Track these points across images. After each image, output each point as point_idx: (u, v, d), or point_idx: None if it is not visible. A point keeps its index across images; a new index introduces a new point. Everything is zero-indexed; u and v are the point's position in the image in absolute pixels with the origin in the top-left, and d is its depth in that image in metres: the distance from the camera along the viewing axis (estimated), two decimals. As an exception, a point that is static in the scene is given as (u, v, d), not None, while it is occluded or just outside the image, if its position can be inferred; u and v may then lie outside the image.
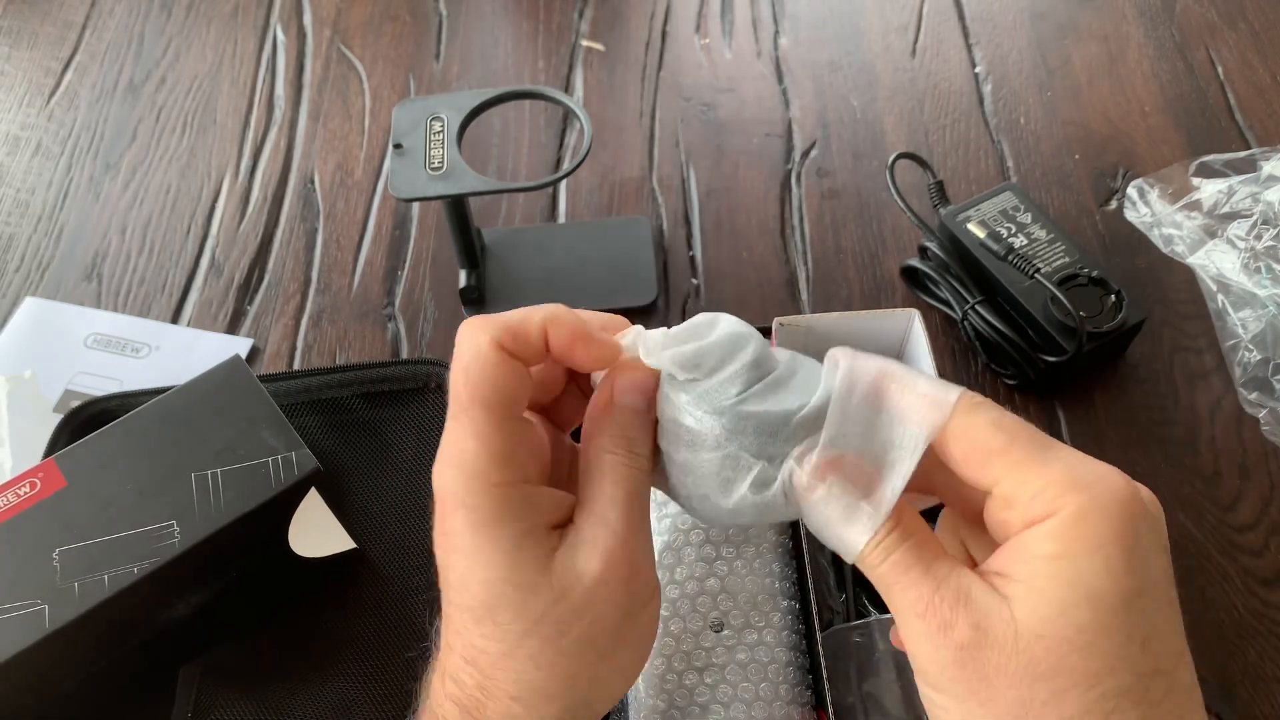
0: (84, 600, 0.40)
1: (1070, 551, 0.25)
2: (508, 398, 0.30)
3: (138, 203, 0.69)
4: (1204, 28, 0.75)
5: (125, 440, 0.45)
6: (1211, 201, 0.62)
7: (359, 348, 0.62)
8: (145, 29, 0.79)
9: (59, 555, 0.41)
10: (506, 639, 0.29)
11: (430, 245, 0.66)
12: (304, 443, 0.46)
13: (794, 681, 0.41)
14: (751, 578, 0.43)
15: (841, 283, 0.64)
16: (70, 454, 0.44)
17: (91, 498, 0.43)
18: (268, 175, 0.70)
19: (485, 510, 0.29)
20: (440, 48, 0.77)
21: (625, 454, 0.31)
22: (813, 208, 0.67)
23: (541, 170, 0.70)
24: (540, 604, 0.29)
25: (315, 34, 0.78)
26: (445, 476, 0.30)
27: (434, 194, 0.52)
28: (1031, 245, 0.58)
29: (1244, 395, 0.57)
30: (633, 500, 0.31)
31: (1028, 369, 0.57)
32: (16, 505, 0.42)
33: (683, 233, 0.66)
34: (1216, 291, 0.59)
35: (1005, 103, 0.72)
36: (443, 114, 0.55)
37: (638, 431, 0.31)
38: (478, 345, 0.31)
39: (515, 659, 0.29)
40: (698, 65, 0.75)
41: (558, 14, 0.78)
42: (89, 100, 0.75)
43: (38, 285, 0.65)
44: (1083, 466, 0.26)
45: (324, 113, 0.73)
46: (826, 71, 0.74)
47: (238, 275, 0.65)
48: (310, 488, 0.46)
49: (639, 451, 0.31)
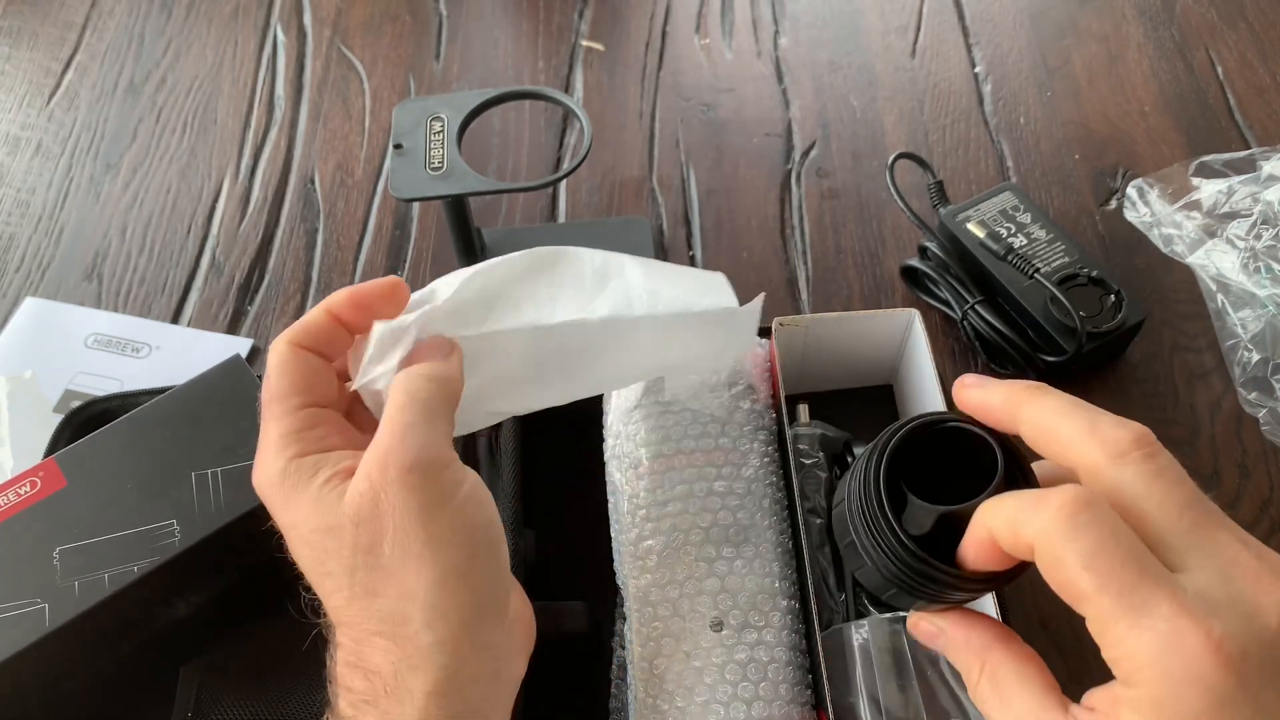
0: (84, 599, 0.40)
1: None
2: (301, 387, 0.35)
3: (138, 203, 0.69)
4: (1204, 28, 0.75)
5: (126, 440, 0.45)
6: (1211, 201, 0.62)
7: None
8: (145, 29, 0.79)
9: (59, 554, 0.41)
10: (340, 584, 0.32)
11: (430, 245, 0.66)
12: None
13: (794, 681, 0.41)
14: (751, 577, 0.43)
15: (841, 283, 0.64)
16: (70, 453, 0.44)
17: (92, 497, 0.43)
18: (268, 175, 0.70)
19: (287, 483, 0.33)
20: (440, 48, 0.77)
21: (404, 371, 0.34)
22: (812, 208, 0.67)
23: (541, 170, 0.70)
24: (347, 536, 0.32)
25: (315, 34, 0.78)
26: (256, 472, 0.34)
27: (434, 194, 0.52)
28: (1031, 245, 0.58)
29: (1243, 395, 0.57)
30: (412, 404, 0.33)
31: (1027, 369, 0.57)
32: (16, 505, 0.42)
33: (683, 233, 0.66)
34: (1216, 291, 0.59)
35: (1005, 103, 0.72)
36: (443, 114, 0.55)
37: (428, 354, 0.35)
38: (275, 350, 0.35)
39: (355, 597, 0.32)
40: (698, 65, 0.75)
41: (558, 14, 0.79)
42: (89, 100, 0.75)
43: (38, 285, 0.65)
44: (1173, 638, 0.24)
45: (324, 113, 0.73)
46: (826, 71, 0.74)
47: (238, 275, 0.65)
48: None
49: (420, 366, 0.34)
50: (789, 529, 0.45)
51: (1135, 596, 0.24)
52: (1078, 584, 0.25)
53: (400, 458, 0.32)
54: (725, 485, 0.45)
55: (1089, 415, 0.27)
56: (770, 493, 0.46)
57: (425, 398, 0.34)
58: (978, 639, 0.30)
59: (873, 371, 0.55)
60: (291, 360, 0.35)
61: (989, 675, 0.29)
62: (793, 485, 0.45)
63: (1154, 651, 0.24)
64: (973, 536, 0.28)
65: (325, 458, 0.34)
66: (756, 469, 0.46)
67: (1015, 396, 0.29)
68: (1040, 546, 0.25)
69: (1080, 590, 0.25)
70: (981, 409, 0.30)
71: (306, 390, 0.35)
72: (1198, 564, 0.25)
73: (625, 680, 0.43)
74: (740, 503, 0.44)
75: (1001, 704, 0.28)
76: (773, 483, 0.46)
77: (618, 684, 0.44)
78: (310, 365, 0.35)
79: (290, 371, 0.35)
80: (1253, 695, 0.23)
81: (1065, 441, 0.27)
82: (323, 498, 0.32)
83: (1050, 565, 0.25)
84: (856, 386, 0.56)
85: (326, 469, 0.33)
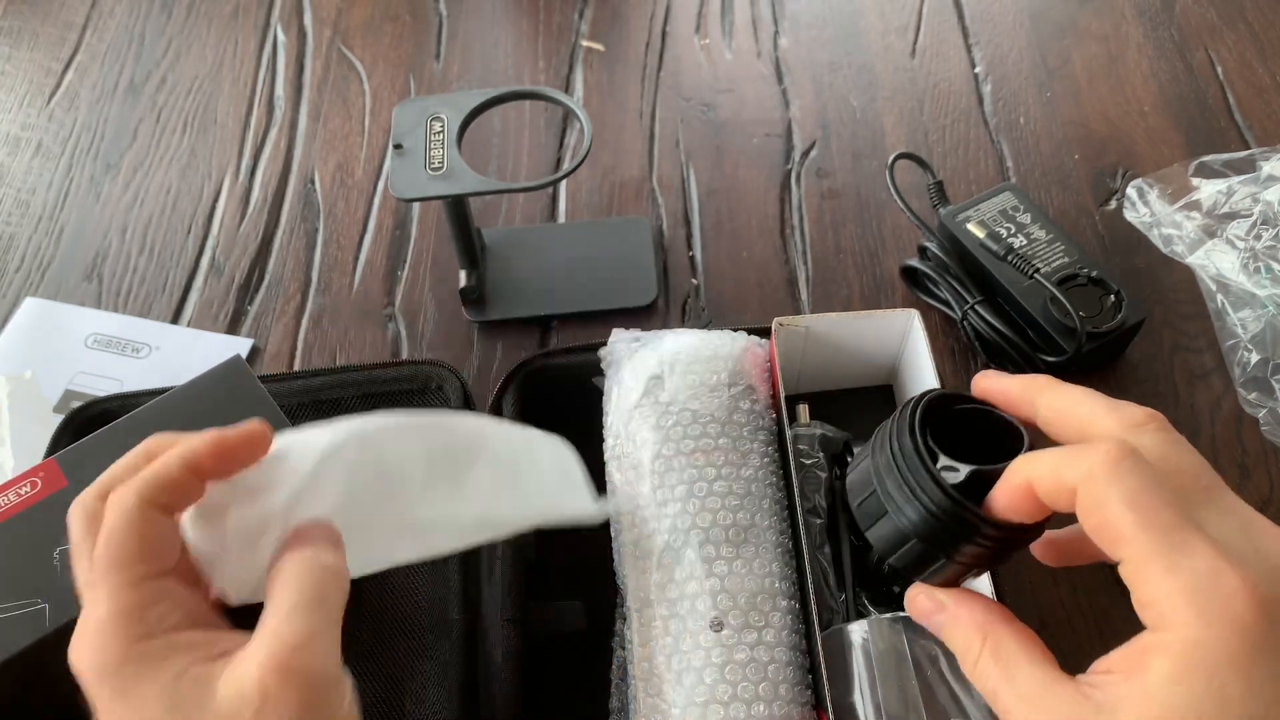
0: None
1: (1186, 677, 0.24)
2: (148, 554, 0.30)
3: (138, 203, 0.69)
4: (1203, 28, 0.75)
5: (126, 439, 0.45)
6: (1211, 201, 0.62)
7: (359, 348, 0.62)
8: (146, 29, 0.79)
9: (59, 554, 0.41)
10: None
11: (430, 245, 0.66)
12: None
13: (794, 681, 0.42)
14: (751, 578, 0.43)
15: (841, 283, 0.64)
16: (71, 453, 0.44)
17: (92, 497, 0.43)
18: (268, 175, 0.70)
19: (127, 672, 0.28)
20: (440, 48, 0.77)
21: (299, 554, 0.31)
22: (812, 208, 0.67)
23: (541, 170, 0.70)
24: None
25: (315, 34, 0.78)
26: (80, 653, 0.29)
27: (434, 194, 0.52)
28: (1031, 245, 0.58)
29: (1243, 395, 0.57)
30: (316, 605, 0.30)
31: (1027, 369, 0.57)
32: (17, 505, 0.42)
33: (683, 233, 0.66)
34: (1216, 291, 0.59)
35: (1005, 103, 0.72)
36: (443, 114, 0.55)
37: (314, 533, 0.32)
38: (121, 508, 0.30)
39: None
40: (698, 65, 0.75)
41: (558, 14, 0.79)
42: (89, 100, 0.75)
43: (38, 285, 0.65)
44: (1210, 578, 0.24)
45: (324, 113, 0.73)
46: (826, 71, 0.74)
47: (238, 275, 0.65)
48: None
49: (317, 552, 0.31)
50: (789, 529, 0.45)
51: (1176, 536, 0.25)
52: (1119, 524, 0.25)
53: (304, 664, 0.29)
54: (725, 485, 0.45)
55: (1105, 398, 0.29)
56: (770, 493, 0.46)
57: (326, 597, 0.30)
58: (980, 614, 0.30)
59: (873, 371, 0.55)
60: (140, 523, 0.30)
61: (991, 649, 0.29)
62: (793, 485, 0.45)
63: (1191, 592, 0.24)
64: (1008, 484, 0.29)
65: (173, 640, 0.29)
66: (756, 469, 0.46)
67: (1034, 384, 0.31)
68: (1084, 489, 0.26)
69: (1120, 531, 0.25)
70: (1001, 395, 0.31)
71: (153, 558, 0.30)
72: (1217, 520, 0.26)
73: (625, 680, 0.44)
74: (740, 503, 0.44)
75: (1005, 676, 0.28)
76: (773, 483, 0.46)
77: (618, 684, 0.44)
78: (160, 529, 0.31)
79: (138, 536, 0.30)
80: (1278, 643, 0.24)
81: (1084, 419, 0.29)
82: (179, 690, 0.28)
83: (1092, 507, 0.26)
84: (856, 387, 0.56)
85: (179, 656, 0.29)
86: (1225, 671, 0.24)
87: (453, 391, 0.54)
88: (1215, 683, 0.24)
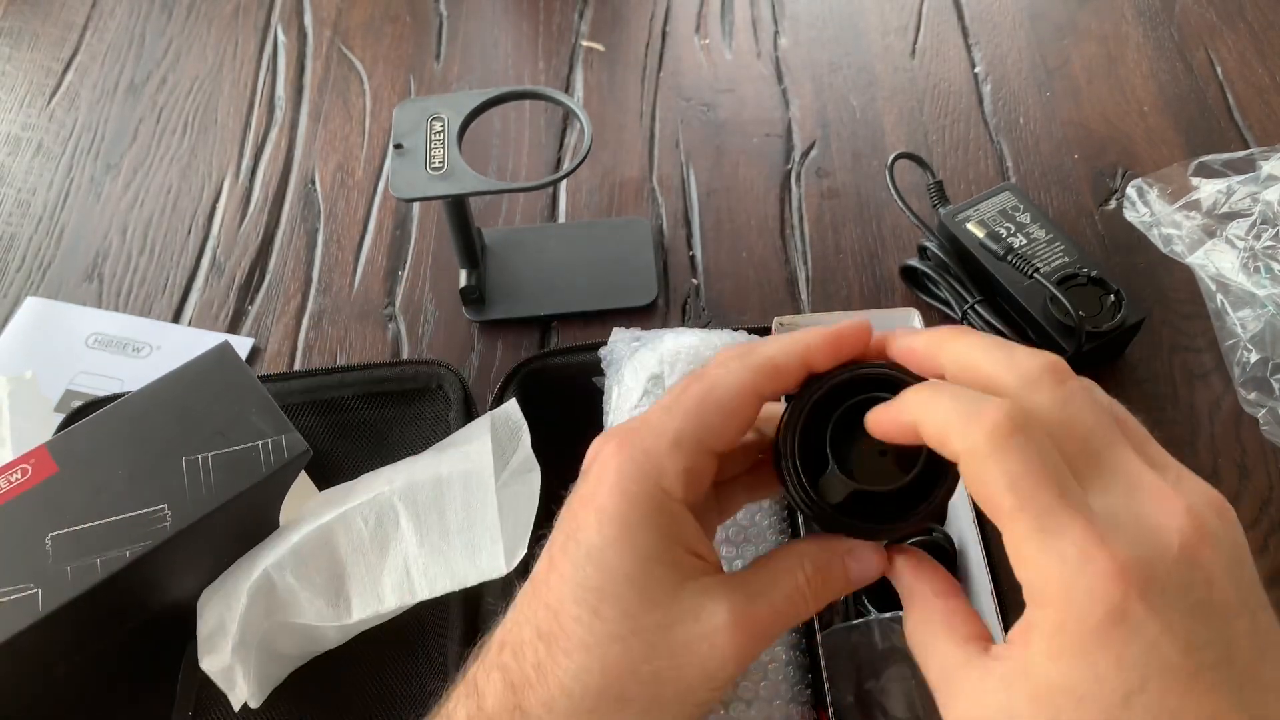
0: (77, 584, 0.40)
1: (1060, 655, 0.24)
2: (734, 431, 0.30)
3: (138, 203, 0.69)
4: (1203, 28, 0.75)
5: (116, 426, 0.45)
6: (1210, 201, 0.62)
7: (360, 348, 0.62)
8: (146, 29, 0.79)
9: (51, 540, 0.41)
10: (594, 633, 0.29)
11: (430, 245, 0.66)
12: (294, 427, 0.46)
13: (794, 681, 0.42)
14: (751, 577, 0.43)
15: (841, 282, 0.64)
16: (61, 440, 0.44)
17: (83, 483, 0.43)
18: (268, 175, 0.70)
19: (644, 507, 0.29)
20: (440, 48, 0.77)
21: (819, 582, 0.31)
22: (812, 207, 0.67)
23: (541, 170, 0.70)
24: (649, 620, 0.29)
25: (316, 34, 0.78)
26: (635, 448, 0.30)
27: (434, 194, 0.52)
28: (1031, 245, 0.58)
29: (1243, 395, 0.57)
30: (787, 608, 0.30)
31: (1027, 369, 0.57)
32: (8, 491, 0.42)
33: (683, 233, 0.66)
34: (1215, 291, 0.59)
35: (1005, 103, 0.72)
36: (443, 114, 0.55)
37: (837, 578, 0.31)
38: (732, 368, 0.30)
39: (590, 655, 0.29)
40: (698, 65, 0.75)
41: (558, 14, 0.79)
42: (90, 101, 0.75)
43: (39, 285, 0.65)
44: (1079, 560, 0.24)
45: (324, 113, 0.73)
46: (826, 71, 0.74)
47: (239, 275, 0.65)
48: (300, 471, 0.46)
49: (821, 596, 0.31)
50: (789, 529, 0.45)
51: (1050, 520, 0.25)
52: (999, 503, 0.25)
53: None
54: (725, 485, 0.45)
55: (1006, 348, 0.28)
56: (770, 492, 0.46)
57: None
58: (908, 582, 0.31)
59: (872, 371, 0.55)
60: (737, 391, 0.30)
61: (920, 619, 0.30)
62: (792, 485, 0.45)
63: (1060, 573, 0.24)
64: (894, 419, 0.28)
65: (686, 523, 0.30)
66: (756, 468, 0.46)
67: (937, 338, 0.30)
68: (966, 462, 0.26)
69: (999, 510, 0.25)
70: (907, 353, 0.30)
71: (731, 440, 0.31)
72: (1103, 487, 0.26)
73: (625, 679, 0.43)
74: (740, 502, 0.44)
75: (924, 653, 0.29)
76: (772, 482, 0.46)
77: (618, 683, 0.44)
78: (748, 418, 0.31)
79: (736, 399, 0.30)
80: (1157, 614, 0.24)
81: (985, 375, 0.28)
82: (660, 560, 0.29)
83: (974, 482, 0.26)
84: (856, 386, 0.56)
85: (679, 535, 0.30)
86: (1094, 650, 0.24)
87: (453, 391, 0.54)
88: (1087, 660, 0.24)
